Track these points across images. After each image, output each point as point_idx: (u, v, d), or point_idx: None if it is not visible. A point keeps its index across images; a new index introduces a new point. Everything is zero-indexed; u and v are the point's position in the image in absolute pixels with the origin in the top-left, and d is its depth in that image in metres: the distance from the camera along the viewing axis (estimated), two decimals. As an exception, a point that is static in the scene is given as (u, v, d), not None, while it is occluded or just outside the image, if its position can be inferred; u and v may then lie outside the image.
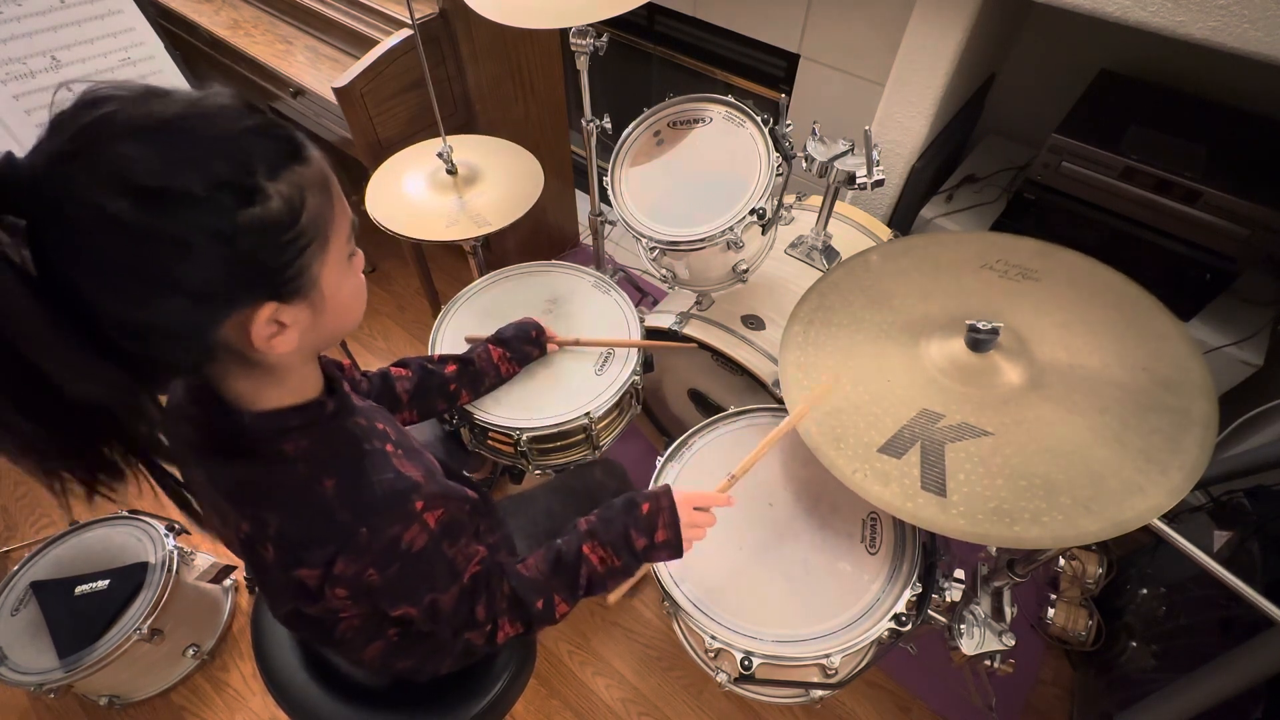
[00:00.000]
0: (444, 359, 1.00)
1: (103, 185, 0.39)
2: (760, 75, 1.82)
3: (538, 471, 1.12)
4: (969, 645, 0.91)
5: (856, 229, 1.36)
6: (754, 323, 1.18)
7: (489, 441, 1.08)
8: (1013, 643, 0.90)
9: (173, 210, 0.41)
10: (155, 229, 0.41)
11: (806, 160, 1.12)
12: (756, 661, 0.77)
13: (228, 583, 1.46)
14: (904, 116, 1.46)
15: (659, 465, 0.96)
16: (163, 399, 0.58)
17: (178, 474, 0.54)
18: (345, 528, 0.53)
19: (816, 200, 1.32)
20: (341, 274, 0.53)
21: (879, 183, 1.08)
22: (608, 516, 0.75)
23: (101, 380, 0.42)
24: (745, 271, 1.09)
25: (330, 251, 0.50)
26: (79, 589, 1.22)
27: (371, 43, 1.43)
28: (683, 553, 0.75)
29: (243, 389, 0.54)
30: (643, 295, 1.82)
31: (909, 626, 0.81)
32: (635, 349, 1.11)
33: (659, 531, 0.74)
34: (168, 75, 1.34)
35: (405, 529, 0.56)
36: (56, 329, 0.40)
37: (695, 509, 0.76)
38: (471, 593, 0.66)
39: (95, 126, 0.41)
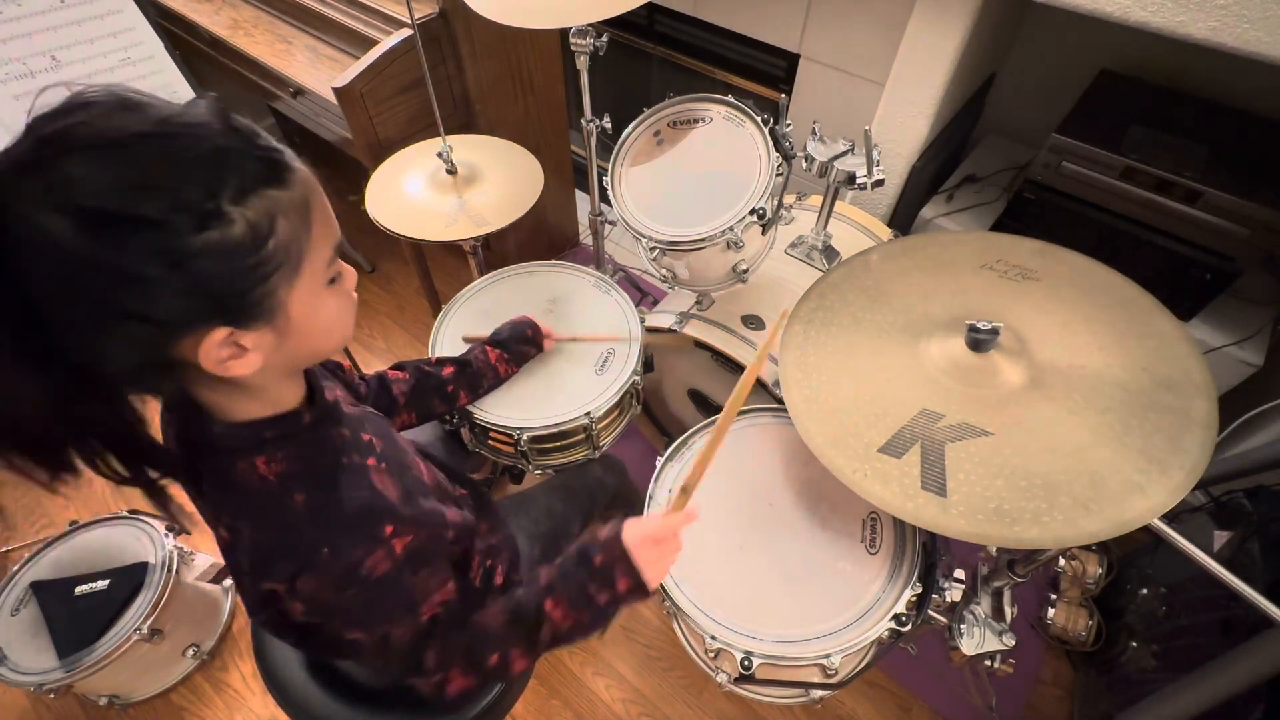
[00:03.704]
0: (441, 361, 0.99)
1: (47, 204, 0.38)
2: (760, 75, 1.82)
3: (538, 472, 1.11)
4: (969, 645, 0.91)
5: (856, 229, 1.36)
6: (754, 323, 1.18)
7: (489, 441, 1.08)
8: (1013, 643, 0.90)
9: (118, 235, 0.39)
10: (97, 254, 0.39)
11: (806, 160, 1.12)
12: (756, 662, 0.77)
13: (227, 583, 1.46)
14: (904, 116, 1.46)
15: (659, 465, 0.96)
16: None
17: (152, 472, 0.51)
18: (309, 545, 0.52)
19: (816, 200, 1.32)
20: (316, 298, 0.50)
21: (879, 182, 1.08)
22: (565, 570, 0.69)
23: (35, 394, 0.41)
24: (745, 271, 1.09)
25: (302, 276, 0.48)
26: (79, 589, 1.22)
27: (371, 42, 1.43)
28: (649, 592, 0.69)
29: (213, 400, 0.53)
30: (643, 295, 1.82)
31: (909, 626, 0.81)
32: (636, 348, 1.11)
33: (619, 581, 0.68)
34: (167, 75, 1.34)
35: (369, 553, 0.54)
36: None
37: (654, 544, 0.69)
38: (427, 635, 0.61)
39: (54, 139, 0.39)
